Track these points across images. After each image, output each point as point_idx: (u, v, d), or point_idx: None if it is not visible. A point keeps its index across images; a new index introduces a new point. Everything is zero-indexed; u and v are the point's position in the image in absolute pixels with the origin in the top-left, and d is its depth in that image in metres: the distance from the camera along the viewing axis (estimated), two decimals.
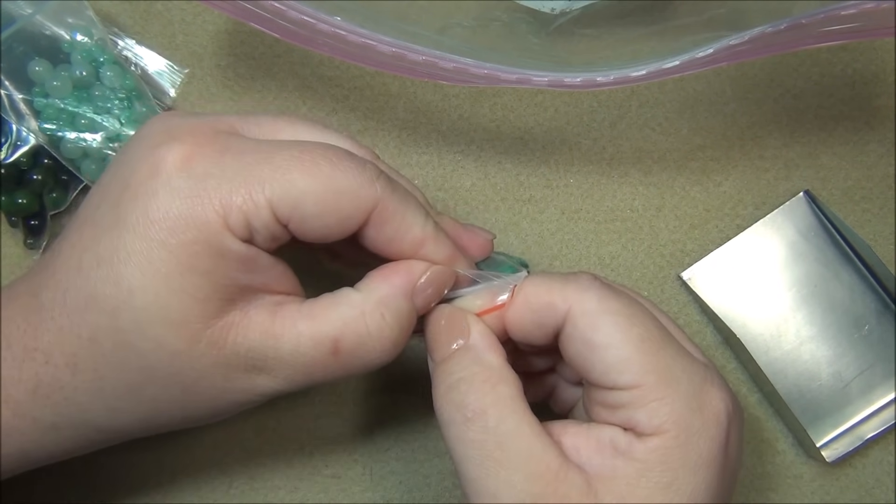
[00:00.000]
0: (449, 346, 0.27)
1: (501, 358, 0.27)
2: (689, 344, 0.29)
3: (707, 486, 0.25)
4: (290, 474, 0.36)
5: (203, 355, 0.25)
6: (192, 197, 0.24)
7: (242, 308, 0.26)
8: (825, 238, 0.37)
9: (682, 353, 0.27)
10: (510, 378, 0.26)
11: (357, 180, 0.25)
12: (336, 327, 0.26)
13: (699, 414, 0.25)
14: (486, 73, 0.30)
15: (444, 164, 0.38)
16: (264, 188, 0.24)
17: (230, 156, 0.25)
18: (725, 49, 0.29)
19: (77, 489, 0.36)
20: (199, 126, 0.26)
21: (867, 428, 0.35)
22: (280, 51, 0.38)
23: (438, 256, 0.27)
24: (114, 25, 0.37)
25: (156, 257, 0.24)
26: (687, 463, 0.25)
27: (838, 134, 0.38)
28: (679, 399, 0.25)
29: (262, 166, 0.25)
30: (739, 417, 0.27)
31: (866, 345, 0.36)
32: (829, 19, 0.28)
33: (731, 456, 0.26)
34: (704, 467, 0.25)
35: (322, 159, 0.25)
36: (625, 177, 0.38)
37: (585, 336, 0.26)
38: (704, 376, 0.26)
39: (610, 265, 0.38)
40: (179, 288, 0.24)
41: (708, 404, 0.26)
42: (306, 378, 0.26)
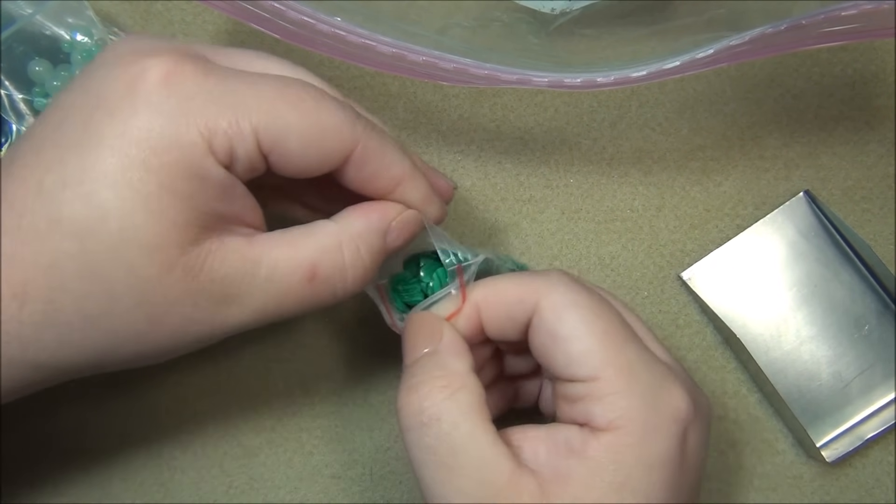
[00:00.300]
0: (419, 351, 0.27)
1: (466, 364, 0.27)
2: (656, 345, 0.28)
3: (663, 488, 0.25)
4: (290, 474, 0.36)
5: (175, 283, 0.24)
6: (176, 116, 0.23)
7: (218, 236, 0.25)
8: (825, 238, 0.37)
9: (646, 352, 0.27)
10: (472, 385, 0.26)
11: (340, 119, 0.26)
12: (313, 254, 0.26)
13: (655, 412, 0.25)
14: (486, 74, 0.30)
15: (444, 164, 0.38)
16: (251, 116, 0.24)
17: (214, 79, 0.24)
18: (726, 49, 0.29)
19: (76, 489, 0.36)
20: (174, 47, 0.25)
21: (867, 428, 0.35)
22: (280, 51, 0.38)
23: (417, 194, 0.28)
24: (114, 25, 0.37)
25: (135, 178, 0.23)
26: (641, 462, 0.25)
27: (838, 134, 0.38)
28: (636, 395, 0.25)
29: (247, 94, 0.24)
30: (703, 420, 0.27)
31: (866, 345, 0.36)
32: (830, 20, 0.28)
33: (690, 458, 0.26)
34: (660, 467, 0.25)
35: (307, 95, 0.25)
36: (625, 177, 0.38)
37: (550, 327, 0.26)
38: (665, 375, 0.26)
39: (610, 265, 0.38)
40: (158, 210, 0.23)
41: (666, 403, 0.25)
42: (277, 308, 0.26)
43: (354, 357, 0.37)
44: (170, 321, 0.24)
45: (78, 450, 0.36)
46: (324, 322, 0.37)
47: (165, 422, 0.36)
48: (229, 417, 0.36)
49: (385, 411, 0.37)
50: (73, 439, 0.36)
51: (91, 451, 0.36)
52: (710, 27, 0.31)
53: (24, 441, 0.35)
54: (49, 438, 0.36)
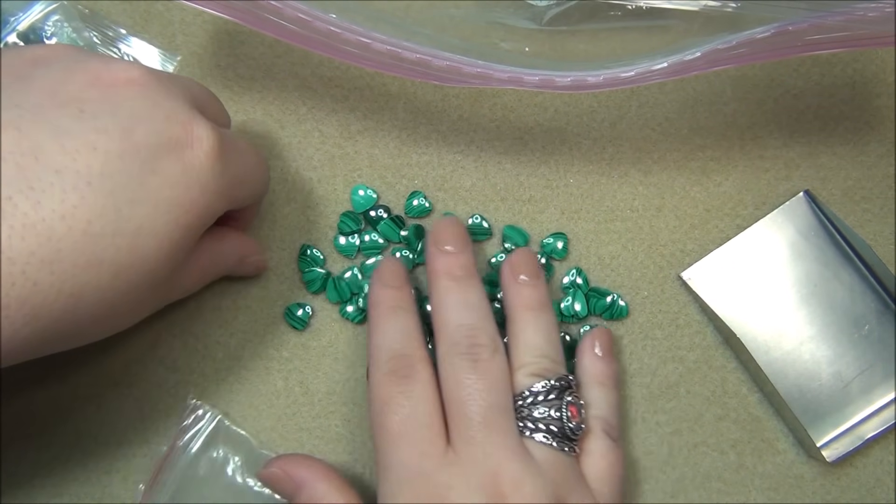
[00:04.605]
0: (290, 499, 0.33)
1: (326, 486, 0.32)
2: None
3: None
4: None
5: (160, 286, 0.28)
6: (216, 192, 0.28)
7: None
8: (825, 238, 0.37)
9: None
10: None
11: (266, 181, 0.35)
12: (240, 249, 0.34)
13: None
14: (479, 72, 0.30)
15: (444, 164, 0.38)
16: (246, 190, 0.32)
17: (227, 159, 0.29)
18: (712, 52, 0.29)
19: (76, 489, 0.36)
20: (208, 124, 0.29)
21: (867, 428, 0.35)
22: (280, 51, 0.38)
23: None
24: (114, 25, 0.38)
25: (175, 235, 0.27)
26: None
27: (838, 134, 0.38)
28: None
29: (244, 175, 0.32)
30: None
31: (866, 344, 0.36)
32: (815, 27, 0.28)
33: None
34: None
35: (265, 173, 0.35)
36: (625, 177, 0.38)
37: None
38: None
39: (610, 265, 0.38)
40: (178, 256, 0.28)
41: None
42: (215, 277, 0.34)
43: (354, 357, 0.37)
44: (125, 321, 0.29)
45: (78, 450, 0.36)
46: (324, 322, 0.37)
47: (166, 422, 0.36)
48: (230, 417, 0.36)
49: None
50: (73, 439, 0.36)
51: (91, 451, 0.36)
52: (706, 27, 0.31)
53: (24, 441, 0.36)
54: (49, 438, 0.36)
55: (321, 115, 0.38)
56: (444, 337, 0.32)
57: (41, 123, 0.24)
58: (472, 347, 0.31)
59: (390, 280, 0.34)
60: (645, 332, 0.37)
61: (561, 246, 0.37)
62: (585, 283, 0.37)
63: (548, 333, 0.33)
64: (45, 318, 0.24)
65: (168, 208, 0.26)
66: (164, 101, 0.27)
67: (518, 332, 0.33)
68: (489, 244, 0.37)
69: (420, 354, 0.32)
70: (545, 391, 0.31)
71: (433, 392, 0.31)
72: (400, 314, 0.33)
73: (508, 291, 0.34)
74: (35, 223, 0.23)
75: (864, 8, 0.28)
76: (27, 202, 0.23)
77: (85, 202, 0.24)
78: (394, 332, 0.32)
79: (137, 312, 0.29)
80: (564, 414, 0.31)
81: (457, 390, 0.30)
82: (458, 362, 0.31)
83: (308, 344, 0.37)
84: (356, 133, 0.38)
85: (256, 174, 0.32)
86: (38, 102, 0.25)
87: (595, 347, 0.35)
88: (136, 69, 0.27)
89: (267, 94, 0.38)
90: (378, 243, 0.37)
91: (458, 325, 0.32)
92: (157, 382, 0.36)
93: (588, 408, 0.33)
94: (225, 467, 0.35)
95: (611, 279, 0.38)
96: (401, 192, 0.38)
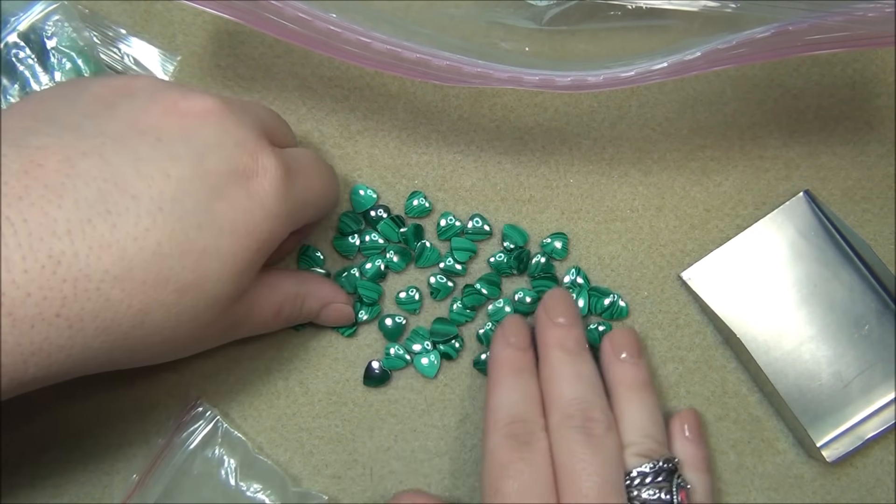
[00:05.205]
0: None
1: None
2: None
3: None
4: (291, 474, 0.36)
5: (215, 322, 0.29)
6: (280, 218, 0.29)
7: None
8: (825, 238, 0.37)
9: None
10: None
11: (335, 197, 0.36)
12: (282, 299, 0.33)
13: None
14: (479, 72, 0.30)
15: (444, 164, 0.38)
16: (310, 210, 0.33)
17: (290, 183, 0.30)
18: (712, 52, 0.29)
19: (76, 489, 0.36)
20: (274, 151, 0.30)
21: (867, 428, 0.35)
22: (280, 51, 0.38)
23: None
24: (114, 25, 0.38)
25: (238, 257, 0.28)
26: None
27: (838, 134, 0.38)
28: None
29: (306, 193, 0.32)
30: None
31: (866, 344, 0.36)
32: (815, 27, 0.28)
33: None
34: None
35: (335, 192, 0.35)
36: (625, 177, 0.38)
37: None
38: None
39: (610, 265, 0.38)
40: (240, 281, 0.29)
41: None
42: (252, 331, 0.33)
43: (354, 357, 0.37)
44: (191, 343, 0.30)
45: (78, 450, 0.36)
46: None
47: (166, 422, 0.36)
48: (229, 417, 0.36)
49: (385, 411, 0.37)
50: (73, 439, 0.36)
51: (91, 451, 0.36)
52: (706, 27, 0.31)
53: (24, 441, 0.35)
54: (49, 438, 0.36)
55: (321, 115, 0.38)
56: (558, 409, 0.32)
57: (122, 151, 0.26)
58: (587, 421, 0.31)
59: (515, 339, 0.34)
60: (645, 333, 0.37)
61: (560, 246, 0.37)
62: (586, 282, 0.37)
63: (652, 413, 0.33)
64: (116, 331, 0.26)
65: (232, 232, 0.28)
66: (234, 131, 0.29)
67: (623, 412, 0.33)
68: (489, 244, 0.37)
69: (541, 423, 0.32)
70: (653, 472, 0.31)
71: (549, 461, 0.31)
72: (523, 377, 0.33)
73: (610, 369, 0.34)
74: (111, 244, 0.25)
75: (864, 8, 0.28)
76: (105, 224, 0.25)
77: (156, 226, 0.26)
78: (516, 396, 0.32)
79: (203, 336, 0.29)
80: (675, 497, 0.31)
81: (571, 463, 0.30)
82: (572, 435, 0.31)
83: (308, 344, 0.37)
84: (356, 133, 0.38)
85: (321, 194, 0.33)
86: (121, 131, 0.27)
87: (685, 431, 0.34)
88: (210, 100, 0.29)
89: (267, 94, 0.38)
90: (378, 243, 0.37)
91: (573, 398, 0.32)
92: (157, 383, 0.36)
93: (693, 489, 0.33)
94: (219, 468, 0.35)
95: (611, 279, 0.38)
96: (401, 192, 0.38)
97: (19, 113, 0.27)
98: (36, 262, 0.24)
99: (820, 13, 0.28)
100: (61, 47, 0.36)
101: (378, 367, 0.37)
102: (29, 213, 0.24)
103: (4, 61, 0.35)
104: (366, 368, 0.37)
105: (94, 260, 0.25)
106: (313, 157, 0.33)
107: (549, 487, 0.30)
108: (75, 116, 0.27)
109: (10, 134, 0.26)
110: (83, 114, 0.27)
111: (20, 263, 0.24)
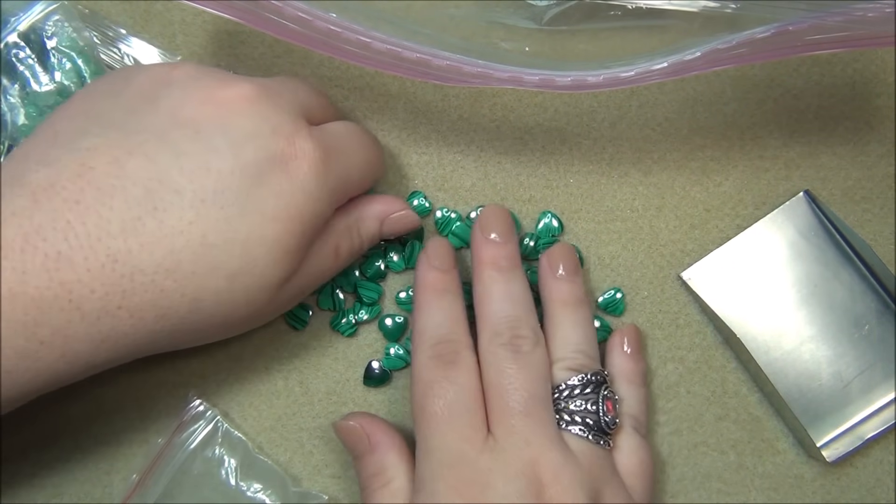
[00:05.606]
0: (356, 453, 0.34)
1: (395, 456, 0.32)
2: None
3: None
4: (291, 474, 0.36)
5: (269, 304, 0.30)
6: (322, 199, 0.30)
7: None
8: (825, 238, 0.37)
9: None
10: (401, 474, 0.32)
11: (382, 164, 0.36)
12: (336, 238, 0.32)
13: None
14: (479, 71, 0.30)
15: (444, 164, 0.38)
16: (351, 187, 0.33)
17: (330, 162, 0.31)
18: (712, 52, 0.29)
19: (76, 489, 0.36)
20: (312, 135, 0.30)
21: (868, 428, 0.35)
22: (280, 51, 0.38)
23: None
24: (114, 25, 0.37)
25: (284, 240, 0.29)
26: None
27: (838, 134, 0.38)
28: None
29: (349, 168, 0.32)
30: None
31: (866, 344, 0.36)
32: (815, 28, 0.28)
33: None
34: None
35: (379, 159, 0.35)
36: (625, 177, 0.38)
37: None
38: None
39: (610, 265, 0.38)
40: (289, 263, 0.29)
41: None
42: (316, 282, 0.32)
43: (354, 357, 0.37)
44: (255, 318, 0.31)
45: (78, 450, 0.36)
46: (324, 322, 0.37)
47: (166, 421, 0.36)
48: (229, 417, 0.36)
49: (385, 411, 0.37)
50: (73, 439, 0.36)
51: (91, 451, 0.36)
52: (706, 27, 0.31)
53: (24, 441, 0.35)
54: (49, 438, 0.36)
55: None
56: (488, 326, 0.32)
57: (164, 148, 0.27)
58: (515, 339, 0.32)
59: (438, 262, 0.34)
60: (645, 333, 0.37)
61: (556, 224, 0.37)
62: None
63: (584, 329, 0.33)
64: (173, 317, 0.27)
65: (275, 218, 0.28)
66: (271, 116, 0.29)
67: (555, 327, 0.33)
68: None
69: (466, 341, 0.32)
70: (581, 385, 0.32)
71: (476, 379, 0.31)
72: (447, 298, 0.33)
73: (546, 285, 0.34)
74: (160, 239, 0.27)
75: (864, 8, 0.28)
76: (153, 221, 0.27)
77: (200, 218, 0.27)
78: (440, 317, 0.33)
79: (266, 311, 0.31)
80: (601, 408, 0.31)
81: (498, 379, 0.31)
82: (500, 352, 0.31)
83: (308, 344, 0.37)
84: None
85: (364, 168, 0.33)
86: (161, 126, 0.28)
87: (624, 345, 0.35)
88: (247, 85, 0.29)
89: None
90: (378, 243, 0.37)
91: (502, 316, 0.32)
92: (157, 382, 0.36)
93: (623, 400, 0.34)
94: (219, 468, 0.35)
95: (611, 279, 0.38)
96: (401, 192, 0.38)
97: (70, 113, 0.29)
98: (96, 261, 0.26)
99: (820, 13, 0.28)
100: (61, 47, 0.36)
101: (378, 367, 0.37)
102: (87, 216, 0.26)
103: (4, 61, 0.35)
104: (366, 368, 0.37)
105: (146, 255, 0.26)
106: (354, 129, 0.33)
107: (476, 404, 0.31)
108: (119, 113, 0.28)
109: (64, 137, 0.28)
110: (126, 109, 0.29)
111: (83, 263, 0.26)
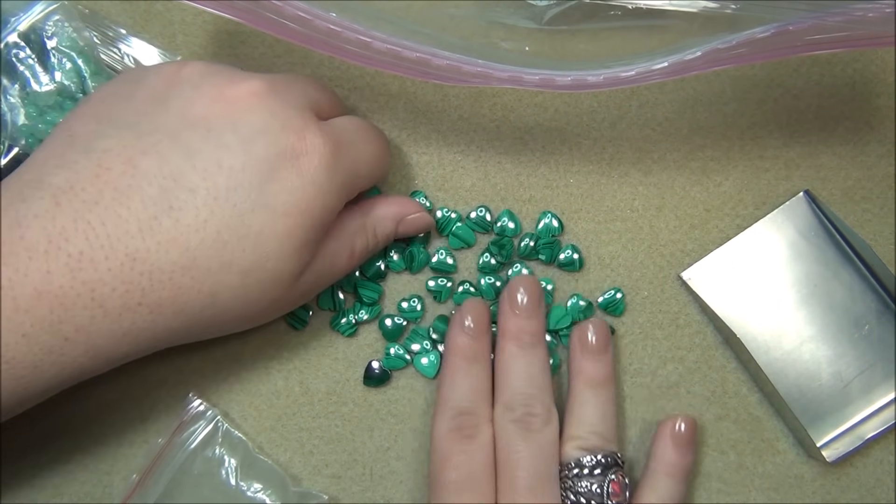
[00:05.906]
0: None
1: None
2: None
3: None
4: (291, 474, 0.36)
5: (284, 296, 0.31)
6: (331, 192, 0.30)
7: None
8: (825, 238, 0.37)
9: None
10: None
11: (387, 159, 0.36)
12: (351, 238, 0.33)
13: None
14: (479, 71, 0.30)
15: (444, 164, 0.38)
16: (361, 181, 0.33)
17: (341, 156, 0.31)
18: (713, 52, 0.29)
19: (76, 489, 0.36)
20: (321, 130, 0.30)
21: (868, 428, 0.35)
22: (280, 51, 0.38)
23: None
24: (114, 25, 0.37)
25: (295, 235, 0.29)
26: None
27: (838, 134, 0.38)
28: None
29: (359, 166, 0.33)
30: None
31: (866, 344, 0.36)
32: (816, 28, 0.28)
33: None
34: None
35: (385, 153, 0.35)
36: (625, 177, 0.38)
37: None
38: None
39: (610, 265, 0.38)
40: (300, 257, 0.30)
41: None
42: (331, 281, 0.33)
43: (354, 357, 0.37)
44: (270, 311, 0.31)
45: (78, 450, 0.36)
46: (324, 322, 0.37)
47: (166, 421, 0.36)
48: (229, 417, 0.36)
49: (385, 411, 0.37)
50: (73, 439, 0.36)
51: (92, 452, 0.36)
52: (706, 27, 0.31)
53: (24, 441, 0.35)
54: (49, 438, 0.36)
55: None
56: (503, 399, 0.33)
57: (177, 147, 0.28)
58: (526, 416, 0.33)
59: (471, 328, 0.34)
60: (645, 332, 0.37)
61: (556, 224, 0.37)
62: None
63: (604, 410, 0.34)
64: (190, 312, 0.28)
65: (285, 213, 0.29)
66: (280, 112, 0.29)
67: (576, 405, 0.34)
68: (488, 238, 0.37)
69: (486, 414, 0.33)
70: (591, 466, 0.32)
71: (491, 454, 0.33)
72: (475, 368, 0.34)
73: (574, 360, 0.35)
74: (176, 237, 0.27)
75: (864, 8, 0.28)
76: (169, 220, 0.27)
77: (214, 215, 0.28)
78: (465, 387, 0.33)
79: (280, 306, 0.31)
80: (606, 490, 0.32)
81: (507, 454, 0.32)
82: (511, 427, 0.33)
83: (308, 344, 0.37)
84: None
85: (372, 162, 0.33)
86: (174, 125, 0.28)
87: (677, 427, 0.35)
88: (256, 82, 0.30)
89: None
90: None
91: (517, 393, 0.33)
92: (157, 383, 0.36)
93: (653, 492, 0.34)
94: (220, 468, 0.35)
95: (611, 279, 0.38)
96: (401, 192, 0.38)
97: (85, 115, 0.29)
98: (116, 260, 0.27)
99: (820, 13, 0.28)
100: (61, 47, 0.36)
101: (378, 367, 0.37)
102: (105, 217, 0.27)
103: (4, 61, 0.35)
104: (366, 368, 0.37)
105: (163, 254, 0.27)
106: (362, 124, 0.33)
107: (487, 478, 0.32)
108: (132, 114, 0.29)
109: (80, 140, 0.28)
110: (138, 111, 0.29)
111: (104, 262, 0.26)
